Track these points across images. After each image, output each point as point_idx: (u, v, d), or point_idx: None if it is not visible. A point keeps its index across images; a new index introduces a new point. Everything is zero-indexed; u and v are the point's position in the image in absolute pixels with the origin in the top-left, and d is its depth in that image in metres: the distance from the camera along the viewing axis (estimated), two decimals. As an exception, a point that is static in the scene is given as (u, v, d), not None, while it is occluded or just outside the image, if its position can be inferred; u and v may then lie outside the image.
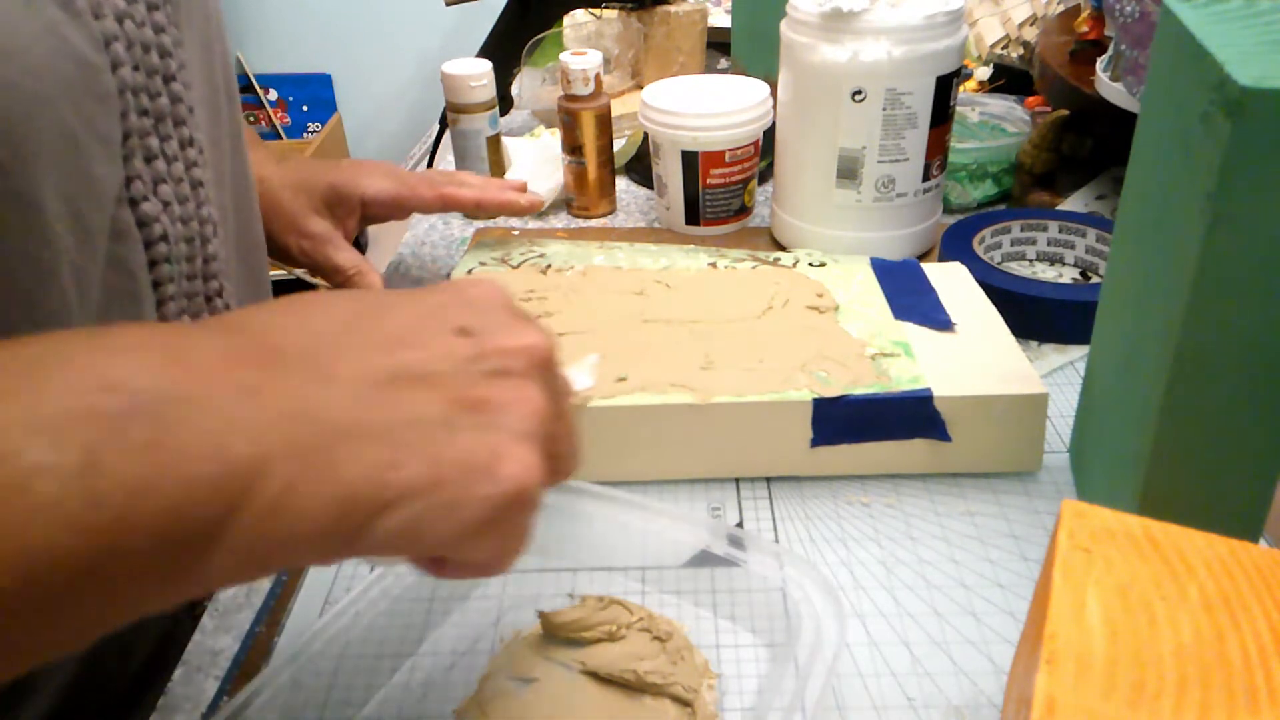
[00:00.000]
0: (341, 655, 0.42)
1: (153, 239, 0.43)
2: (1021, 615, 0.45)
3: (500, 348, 0.30)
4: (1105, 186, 0.86)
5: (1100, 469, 0.49)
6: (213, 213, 0.47)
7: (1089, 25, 0.85)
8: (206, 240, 0.47)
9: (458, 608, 0.46)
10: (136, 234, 0.42)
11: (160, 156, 0.43)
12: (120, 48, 0.39)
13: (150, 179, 0.42)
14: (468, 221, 0.88)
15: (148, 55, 0.41)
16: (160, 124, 0.43)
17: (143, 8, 0.41)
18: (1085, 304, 0.63)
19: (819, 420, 0.51)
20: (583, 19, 1.09)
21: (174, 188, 0.44)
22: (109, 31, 0.39)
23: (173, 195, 0.44)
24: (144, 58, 0.41)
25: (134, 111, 0.41)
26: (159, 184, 0.43)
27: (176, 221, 0.44)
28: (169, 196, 0.43)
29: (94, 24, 0.38)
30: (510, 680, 0.42)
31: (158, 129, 0.43)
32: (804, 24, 0.68)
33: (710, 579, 0.47)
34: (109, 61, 0.39)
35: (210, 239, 0.47)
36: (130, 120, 0.41)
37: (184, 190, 0.45)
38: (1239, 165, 0.33)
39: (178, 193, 0.44)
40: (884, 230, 0.72)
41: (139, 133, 0.41)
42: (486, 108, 0.83)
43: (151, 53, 0.42)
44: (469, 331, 0.30)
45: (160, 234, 0.43)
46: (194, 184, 0.45)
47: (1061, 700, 0.28)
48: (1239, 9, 0.38)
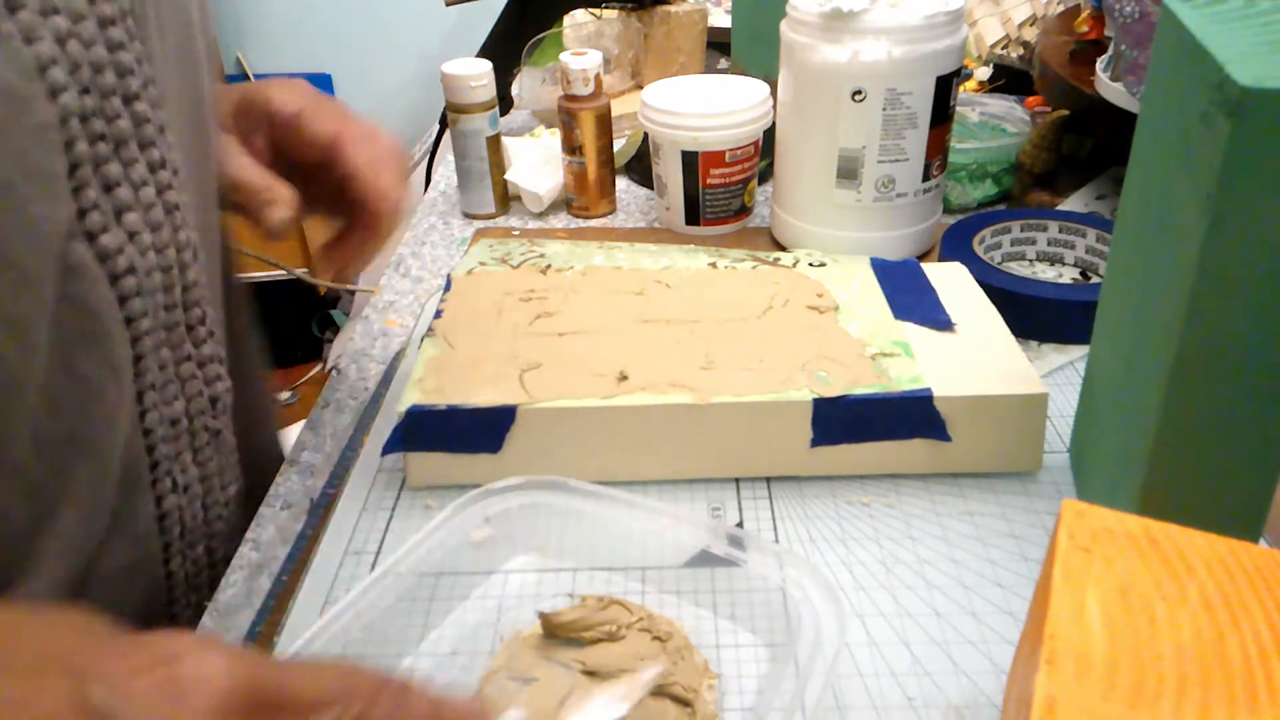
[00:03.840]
0: (342, 655, 0.42)
1: (118, 273, 0.39)
2: (1021, 615, 0.45)
3: None
4: (1105, 186, 0.86)
5: (1100, 469, 0.49)
6: (192, 236, 0.44)
7: (1089, 25, 0.85)
8: (185, 267, 0.44)
9: (458, 607, 0.46)
10: (97, 269, 0.39)
11: (124, 183, 0.39)
12: (60, 72, 0.36)
13: (112, 209, 0.39)
14: (468, 221, 0.88)
15: (100, 76, 0.38)
16: (122, 148, 0.39)
17: (93, 25, 0.37)
18: (1085, 304, 0.63)
19: (819, 420, 0.51)
20: (583, 19, 1.09)
21: (143, 215, 0.41)
22: (44, 56, 0.35)
23: (142, 223, 0.40)
24: (95, 79, 0.38)
25: (84, 139, 0.38)
26: (123, 213, 0.40)
27: (148, 251, 0.41)
28: (137, 225, 0.40)
29: (25, 50, 0.35)
30: (510, 680, 0.42)
31: (119, 154, 0.39)
32: (804, 24, 0.68)
33: (710, 579, 0.47)
34: (45, 89, 0.35)
35: (190, 264, 0.44)
36: (79, 149, 0.37)
37: (156, 216, 0.41)
38: (1239, 165, 0.33)
39: (148, 220, 0.41)
40: (884, 230, 0.72)
41: (92, 161, 0.38)
42: (486, 108, 0.83)
43: (106, 73, 0.38)
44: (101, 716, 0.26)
45: (127, 267, 0.40)
46: (168, 208, 0.42)
47: (1061, 700, 0.28)
48: (1239, 9, 0.38)
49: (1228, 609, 0.30)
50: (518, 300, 0.61)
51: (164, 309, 0.43)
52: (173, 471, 0.46)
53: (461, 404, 0.51)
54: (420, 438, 0.52)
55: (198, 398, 0.47)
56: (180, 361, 0.45)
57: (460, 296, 0.61)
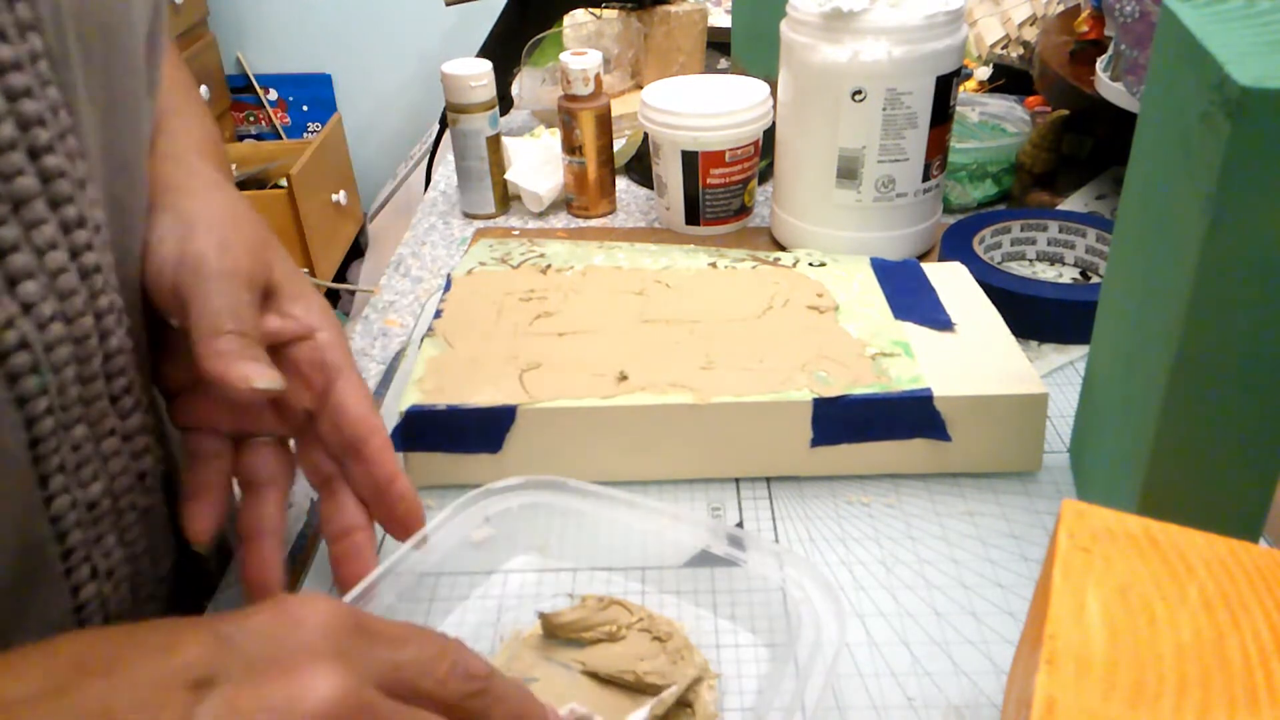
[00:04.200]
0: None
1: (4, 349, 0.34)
2: (1021, 615, 0.45)
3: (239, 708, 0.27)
4: (1105, 186, 0.86)
5: (1100, 469, 0.49)
6: (115, 300, 0.39)
7: (1089, 25, 0.85)
8: (107, 334, 0.39)
9: (458, 607, 0.46)
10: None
11: (23, 248, 0.34)
12: None
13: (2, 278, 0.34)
14: (468, 221, 0.88)
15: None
16: (23, 208, 0.34)
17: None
18: (1085, 304, 0.63)
19: (819, 420, 0.51)
20: (583, 19, 1.09)
21: (48, 283, 0.35)
22: None
23: (44, 292, 0.35)
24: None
25: None
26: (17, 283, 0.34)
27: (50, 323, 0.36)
28: (34, 296, 0.35)
29: None
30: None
31: (18, 215, 0.34)
32: (804, 24, 0.68)
33: (710, 579, 0.47)
34: None
35: (112, 331, 0.39)
36: None
37: (68, 282, 0.36)
38: (1239, 165, 0.33)
39: (55, 287, 0.36)
40: (884, 230, 0.72)
41: None
42: (486, 108, 0.83)
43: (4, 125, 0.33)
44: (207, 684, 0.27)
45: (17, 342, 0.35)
46: (85, 272, 0.37)
47: (1061, 700, 0.28)
48: (1239, 9, 0.38)
49: (1228, 609, 0.30)
50: (518, 300, 0.61)
51: (79, 382, 0.38)
52: (92, 557, 0.40)
53: (461, 404, 0.51)
54: (420, 438, 0.52)
55: (122, 475, 0.41)
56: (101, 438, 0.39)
57: (460, 296, 0.61)
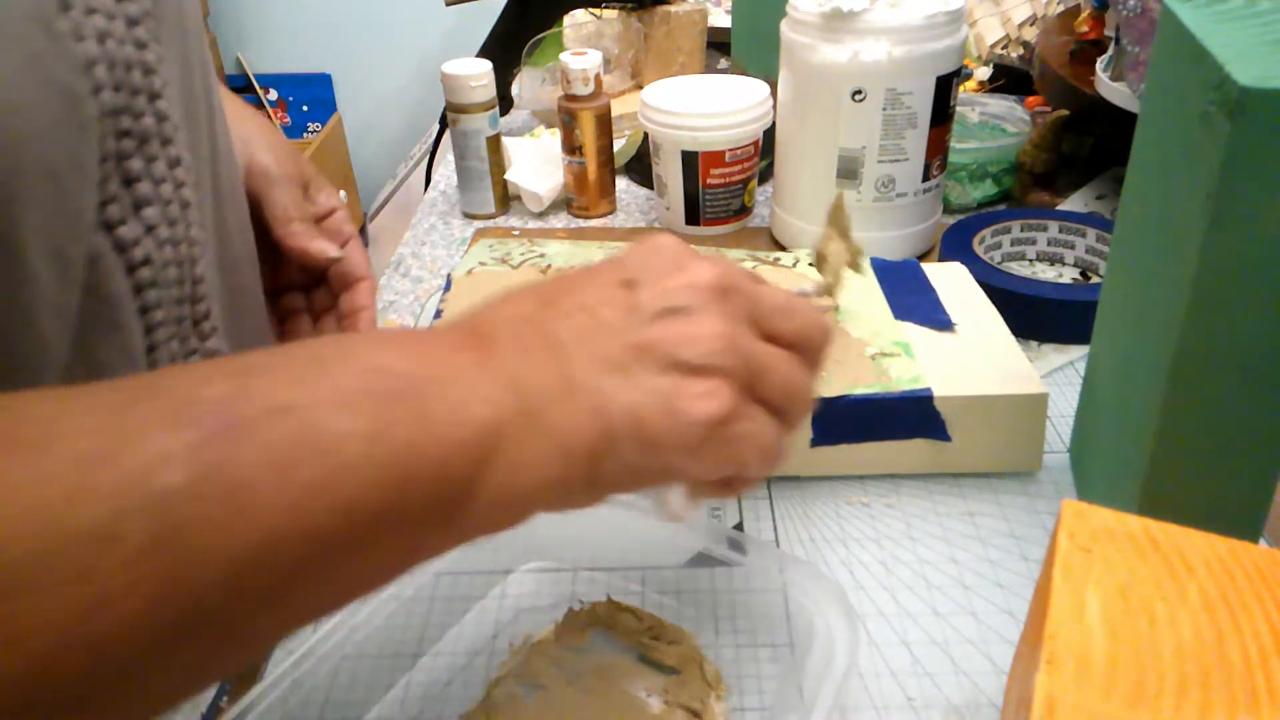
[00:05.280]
0: (354, 656, 0.42)
1: (134, 264, 0.41)
2: (1021, 615, 0.45)
3: (661, 289, 0.33)
4: (1105, 186, 0.86)
5: (1100, 469, 0.49)
6: (201, 234, 0.46)
7: (1089, 25, 0.85)
8: (194, 262, 0.45)
9: (474, 607, 0.46)
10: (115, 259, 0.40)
11: (145, 179, 0.41)
12: (102, 70, 0.37)
13: (131, 202, 0.40)
14: (468, 221, 0.88)
15: (129, 74, 0.39)
16: (145, 145, 0.40)
17: (122, 24, 0.39)
18: (1085, 304, 0.63)
19: (819, 420, 0.51)
20: (583, 19, 1.09)
21: (161, 210, 0.42)
22: (90, 55, 0.37)
23: (159, 218, 0.41)
24: (125, 77, 0.39)
25: (112, 135, 0.39)
26: (142, 207, 0.41)
27: (164, 245, 0.42)
28: (154, 219, 0.41)
29: (75, 48, 0.36)
30: (519, 686, 0.42)
31: (142, 150, 0.40)
32: (804, 24, 0.68)
33: (710, 580, 0.47)
34: (90, 86, 0.37)
35: (198, 260, 0.45)
36: (107, 144, 0.39)
37: (172, 212, 0.43)
38: (1239, 165, 0.33)
39: (165, 214, 0.42)
40: (884, 230, 0.72)
41: (116, 155, 0.39)
42: (486, 108, 0.83)
43: (134, 72, 0.39)
44: (632, 284, 0.34)
45: (143, 258, 0.41)
46: (182, 204, 0.43)
47: (1061, 700, 0.28)
48: (1239, 9, 0.38)
49: (1228, 609, 0.30)
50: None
51: (175, 302, 0.44)
52: None
53: (461, 404, 0.51)
54: (420, 438, 0.52)
55: None
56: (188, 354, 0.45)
57: (460, 296, 0.61)
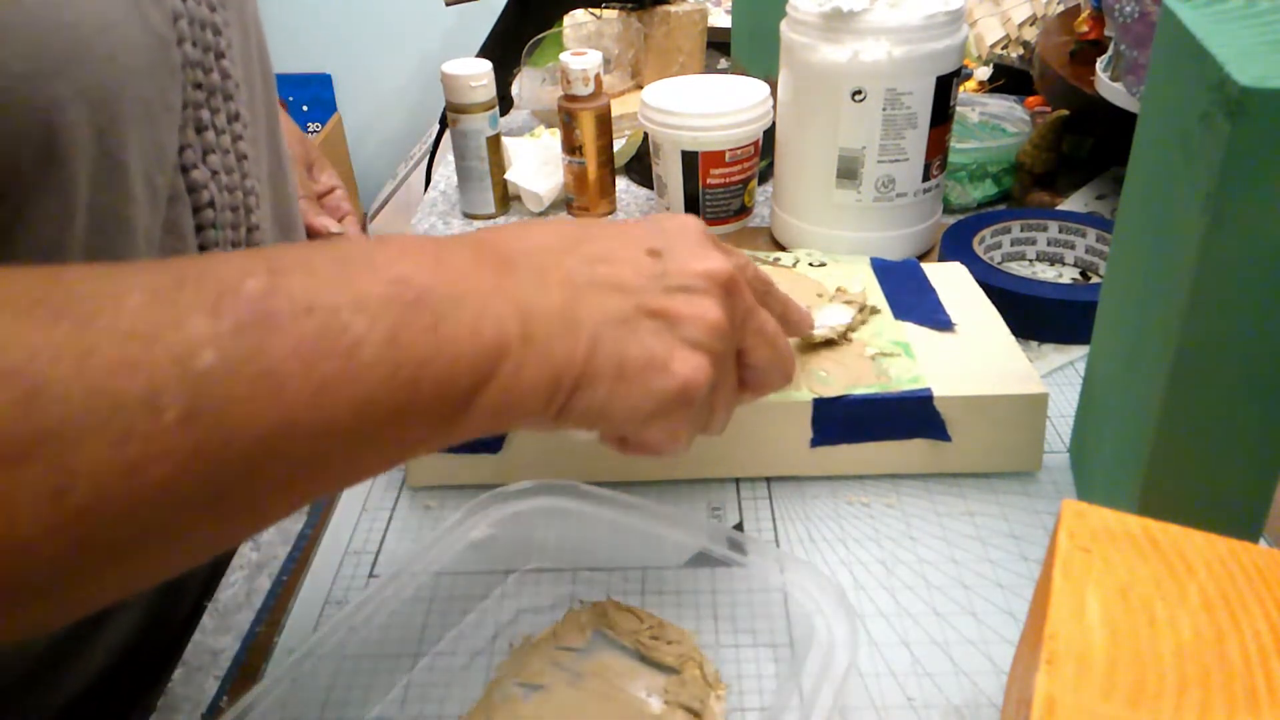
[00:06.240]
0: (349, 657, 0.42)
1: (200, 204, 0.45)
2: (1021, 615, 0.45)
3: (683, 269, 0.36)
4: (1105, 186, 0.86)
5: (1100, 469, 0.49)
6: (256, 185, 0.50)
7: (1089, 25, 0.85)
8: (250, 210, 0.49)
9: (472, 608, 0.46)
10: (187, 198, 0.45)
11: (210, 128, 0.45)
12: (185, 24, 0.43)
13: (200, 148, 0.45)
14: (468, 221, 0.88)
15: (204, 32, 0.44)
16: (212, 97, 0.45)
17: None
18: (1085, 304, 0.63)
19: (819, 420, 0.51)
20: (583, 19, 1.09)
21: (221, 158, 0.46)
22: (176, 9, 0.42)
23: (220, 165, 0.46)
24: (200, 35, 0.44)
25: (190, 85, 0.44)
26: (208, 154, 0.46)
27: (224, 190, 0.47)
28: (217, 166, 0.46)
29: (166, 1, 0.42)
30: (518, 687, 0.42)
31: (209, 102, 0.45)
32: (804, 24, 0.68)
33: (710, 580, 0.47)
34: (176, 36, 0.42)
35: (254, 209, 0.50)
36: (187, 92, 0.44)
37: (230, 161, 0.47)
38: (1239, 165, 0.33)
39: (225, 163, 0.47)
40: (884, 230, 0.72)
41: (193, 104, 0.44)
42: (486, 108, 0.83)
43: (207, 30, 0.44)
44: (658, 254, 0.37)
45: (208, 200, 0.46)
46: (239, 156, 0.48)
47: (1061, 700, 0.28)
48: (1239, 9, 0.38)
49: (1228, 609, 0.30)
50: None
51: (231, 245, 0.48)
52: None
53: (461, 404, 0.51)
54: (420, 438, 0.52)
55: None
56: None
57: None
